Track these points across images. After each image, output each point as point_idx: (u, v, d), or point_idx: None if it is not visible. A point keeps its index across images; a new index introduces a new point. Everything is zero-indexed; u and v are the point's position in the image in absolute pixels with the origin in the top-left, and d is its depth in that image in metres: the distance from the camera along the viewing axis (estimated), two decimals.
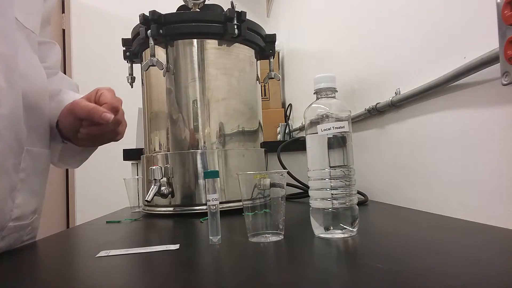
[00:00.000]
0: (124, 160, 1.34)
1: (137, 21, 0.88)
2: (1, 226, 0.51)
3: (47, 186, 0.62)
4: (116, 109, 0.57)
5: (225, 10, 0.88)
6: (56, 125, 0.62)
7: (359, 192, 0.85)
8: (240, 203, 0.52)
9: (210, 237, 0.50)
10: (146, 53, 0.93)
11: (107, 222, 0.80)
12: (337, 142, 0.50)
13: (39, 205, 0.59)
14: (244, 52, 0.92)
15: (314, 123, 0.51)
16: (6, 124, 0.48)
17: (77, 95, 0.64)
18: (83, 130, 0.58)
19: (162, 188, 0.82)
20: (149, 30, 0.83)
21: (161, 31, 0.84)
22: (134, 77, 1.03)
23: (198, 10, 0.92)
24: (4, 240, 0.52)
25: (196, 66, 0.87)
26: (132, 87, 1.04)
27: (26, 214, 0.55)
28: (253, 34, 0.92)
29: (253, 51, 0.95)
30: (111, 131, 0.60)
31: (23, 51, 0.53)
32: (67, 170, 2.54)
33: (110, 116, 0.55)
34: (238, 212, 0.63)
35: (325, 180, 0.49)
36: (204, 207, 0.80)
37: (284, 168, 0.98)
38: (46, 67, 0.64)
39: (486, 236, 0.46)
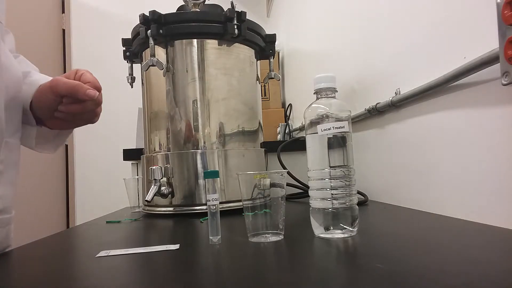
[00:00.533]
0: (124, 160, 1.34)
1: (137, 21, 0.88)
2: None
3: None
4: (99, 88, 0.57)
5: (225, 10, 0.88)
6: (30, 107, 0.61)
7: (359, 192, 0.85)
8: (240, 203, 0.52)
9: (210, 237, 0.50)
10: (146, 53, 0.93)
11: (107, 222, 0.80)
12: (337, 142, 0.50)
13: (14, 197, 0.59)
14: (244, 52, 0.92)
15: (314, 123, 0.51)
16: None
17: (48, 77, 0.63)
18: (62, 108, 0.57)
19: (162, 188, 0.82)
20: (149, 30, 0.83)
21: (161, 31, 0.84)
22: (134, 77, 1.03)
23: (198, 10, 0.92)
24: None
25: (196, 66, 0.87)
26: (132, 87, 1.04)
27: (7, 207, 0.55)
28: (253, 34, 0.92)
29: (253, 51, 0.95)
30: (91, 111, 0.60)
31: None
32: (67, 170, 2.54)
33: (95, 92, 0.55)
34: (238, 212, 0.63)
35: (325, 180, 0.49)
36: (204, 207, 0.80)
37: (284, 168, 0.98)
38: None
39: (486, 236, 0.46)
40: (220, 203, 0.52)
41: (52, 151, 0.70)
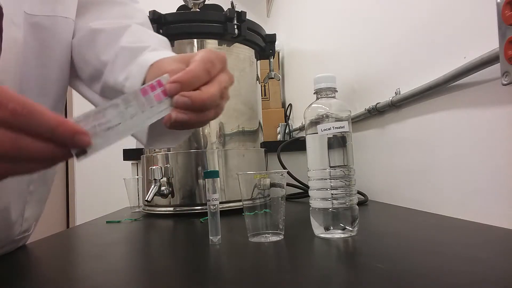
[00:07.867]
0: (124, 160, 1.34)
1: None
2: (8, 240, 0.50)
3: None
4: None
5: (225, 10, 0.88)
6: None
7: (359, 192, 0.85)
8: (240, 203, 0.52)
9: (210, 237, 0.50)
10: None
11: (107, 222, 0.80)
12: (337, 142, 0.50)
13: (40, 213, 0.58)
14: (244, 52, 0.92)
15: (314, 123, 0.51)
16: None
17: (166, 52, 0.45)
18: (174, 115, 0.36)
19: (162, 188, 0.82)
20: None
21: (161, 31, 0.84)
22: None
23: (198, 10, 0.92)
24: (2, 249, 0.51)
25: None
26: None
27: (31, 225, 0.54)
28: (253, 34, 0.92)
29: (253, 51, 0.95)
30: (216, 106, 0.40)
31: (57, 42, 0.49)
32: (67, 171, 2.54)
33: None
34: (238, 212, 0.63)
35: (325, 180, 0.49)
36: (204, 207, 0.80)
37: (284, 168, 0.98)
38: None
39: (486, 236, 0.46)
40: (220, 203, 0.52)
41: (173, 145, 0.51)
